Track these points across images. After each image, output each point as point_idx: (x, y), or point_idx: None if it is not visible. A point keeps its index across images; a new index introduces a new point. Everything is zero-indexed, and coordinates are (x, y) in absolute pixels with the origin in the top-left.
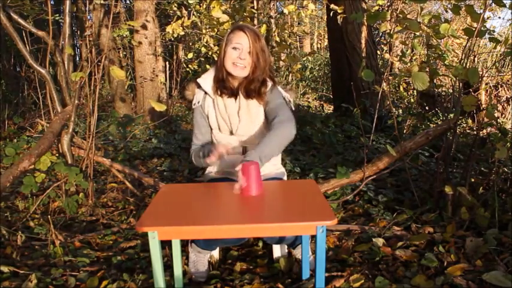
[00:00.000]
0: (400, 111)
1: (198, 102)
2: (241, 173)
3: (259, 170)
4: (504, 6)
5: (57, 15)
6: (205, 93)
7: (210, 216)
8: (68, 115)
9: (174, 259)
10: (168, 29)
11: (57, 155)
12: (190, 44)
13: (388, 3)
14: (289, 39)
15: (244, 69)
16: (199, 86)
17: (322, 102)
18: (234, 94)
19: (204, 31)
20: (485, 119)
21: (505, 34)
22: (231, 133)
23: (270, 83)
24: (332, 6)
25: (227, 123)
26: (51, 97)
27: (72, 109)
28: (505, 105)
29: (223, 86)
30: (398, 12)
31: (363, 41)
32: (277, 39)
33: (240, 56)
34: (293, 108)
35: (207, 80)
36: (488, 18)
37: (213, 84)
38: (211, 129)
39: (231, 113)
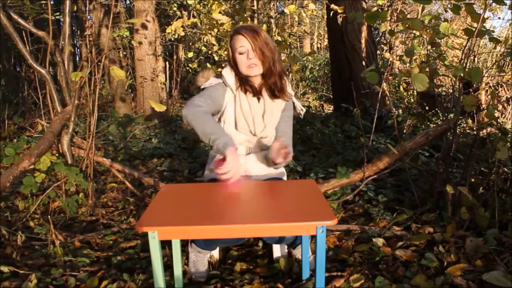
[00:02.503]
0: (400, 111)
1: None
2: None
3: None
4: (504, 4)
5: (58, 13)
6: (224, 84)
7: (210, 216)
8: (68, 115)
9: (174, 259)
10: (169, 29)
11: (57, 155)
12: (190, 44)
13: (388, 3)
14: (289, 39)
15: (258, 67)
16: (217, 76)
17: (322, 102)
18: (257, 93)
19: (204, 31)
20: (485, 119)
21: (504, 34)
22: (252, 134)
23: (287, 79)
24: (332, 6)
25: (249, 123)
26: (51, 97)
27: (72, 109)
28: (505, 105)
29: (248, 84)
30: (398, 12)
31: (363, 41)
32: (278, 39)
33: (248, 57)
34: (302, 117)
35: (230, 74)
36: (488, 18)
37: (236, 81)
38: (220, 122)
39: (256, 115)
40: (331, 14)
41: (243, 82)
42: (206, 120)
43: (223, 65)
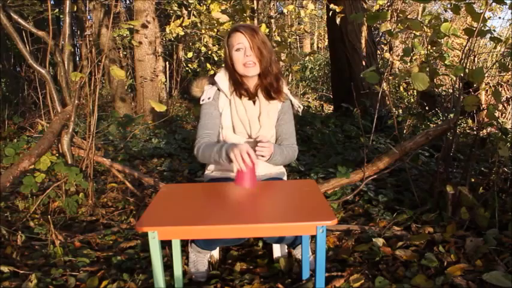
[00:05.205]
0: (400, 111)
1: (209, 98)
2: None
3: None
4: (505, 3)
5: (57, 10)
6: (218, 90)
7: (210, 216)
8: (68, 115)
9: (174, 259)
10: (168, 29)
11: (57, 155)
12: (190, 44)
13: (388, 3)
14: (290, 39)
15: (255, 67)
16: (212, 83)
17: (322, 102)
18: (252, 96)
19: (203, 31)
20: (486, 119)
21: (504, 34)
22: (249, 136)
23: (284, 81)
24: (332, 6)
25: (246, 126)
26: (51, 97)
27: (72, 109)
28: (505, 105)
29: (242, 87)
30: (398, 12)
31: (363, 41)
32: (278, 39)
33: (245, 54)
34: (300, 114)
35: (223, 79)
36: (489, 18)
37: (230, 85)
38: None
39: (252, 117)
40: (330, 14)
41: (238, 86)
42: (207, 151)
43: (223, 65)
